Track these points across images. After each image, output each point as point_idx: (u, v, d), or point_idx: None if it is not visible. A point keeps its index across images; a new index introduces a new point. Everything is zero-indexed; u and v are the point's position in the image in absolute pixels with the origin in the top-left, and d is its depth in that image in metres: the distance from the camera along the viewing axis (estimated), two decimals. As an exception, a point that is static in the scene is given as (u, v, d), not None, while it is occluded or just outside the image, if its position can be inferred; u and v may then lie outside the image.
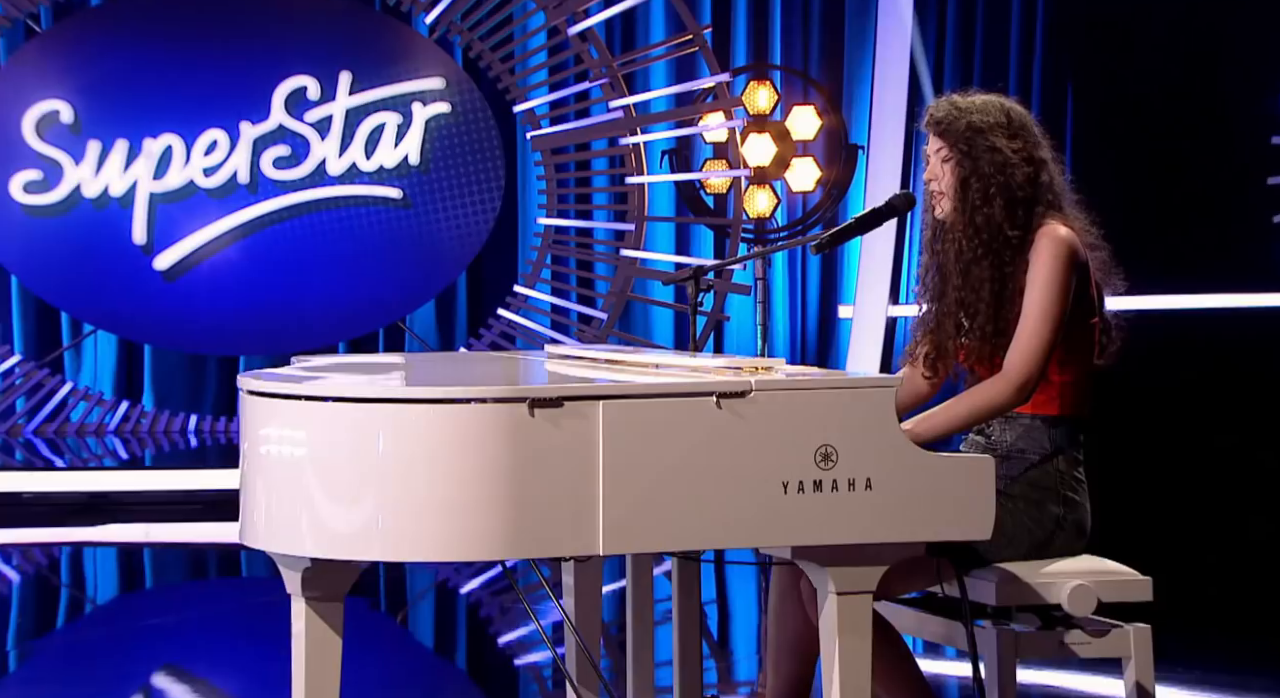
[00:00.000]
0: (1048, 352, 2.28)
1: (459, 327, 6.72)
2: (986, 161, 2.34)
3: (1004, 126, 2.35)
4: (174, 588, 4.52)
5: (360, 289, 6.10)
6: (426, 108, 6.10)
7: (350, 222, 6.10)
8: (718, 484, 1.97)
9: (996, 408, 2.30)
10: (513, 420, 1.90)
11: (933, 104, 2.43)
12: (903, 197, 2.43)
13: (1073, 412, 2.38)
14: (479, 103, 6.12)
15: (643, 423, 1.95)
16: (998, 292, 2.34)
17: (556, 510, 1.91)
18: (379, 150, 6.09)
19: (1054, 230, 2.33)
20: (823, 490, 2.01)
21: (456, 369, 2.51)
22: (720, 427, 1.98)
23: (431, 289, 6.27)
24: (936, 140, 2.41)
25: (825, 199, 6.38)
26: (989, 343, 2.33)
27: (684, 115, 6.16)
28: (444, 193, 6.12)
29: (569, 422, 1.92)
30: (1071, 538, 2.36)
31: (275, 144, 6.03)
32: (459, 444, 1.89)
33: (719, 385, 1.99)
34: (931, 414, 2.32)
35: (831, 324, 6.90)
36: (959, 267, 2.36)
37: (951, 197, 2.38)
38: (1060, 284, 2.29)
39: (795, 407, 2.01)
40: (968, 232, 2.35)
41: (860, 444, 2.02)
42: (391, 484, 1.89)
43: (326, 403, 1.91)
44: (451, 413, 1.89)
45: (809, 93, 6.54)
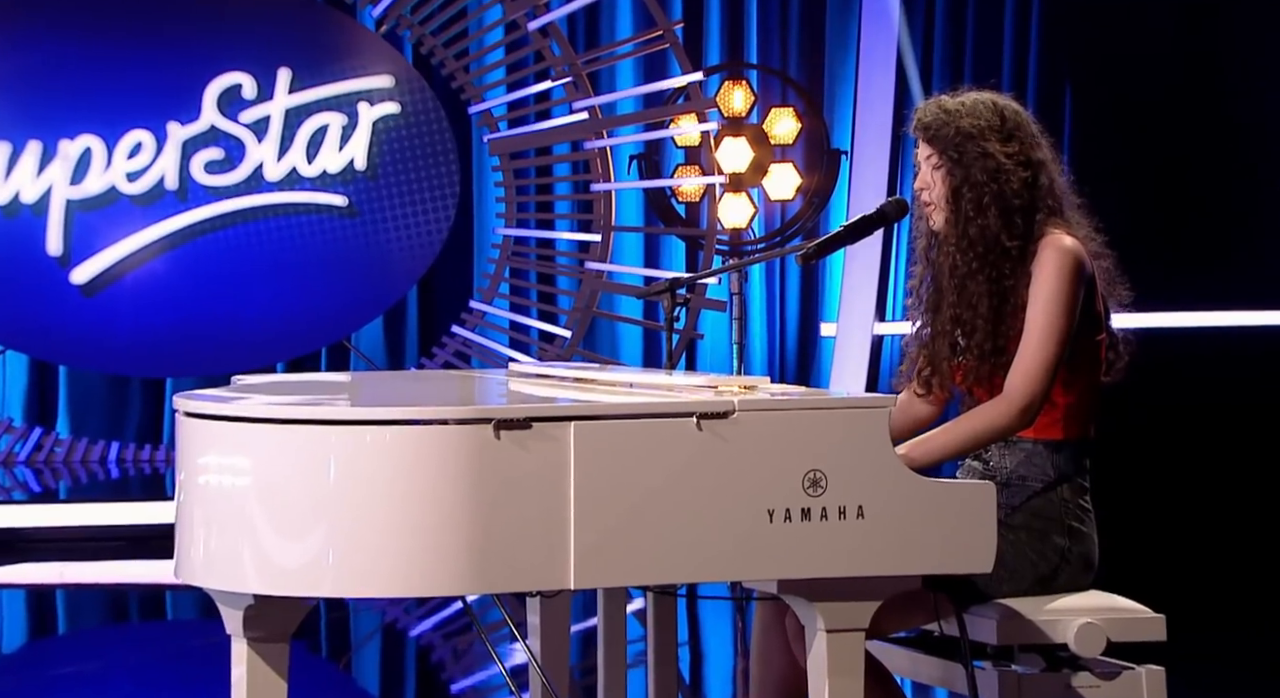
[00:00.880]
0: (1053, 371, 2.30)
1: (409, 345, 6.70)
2: (979, 169, 2.36)
3: (997, 129, 2.37)
4: (91, 633, 4.46)
5: (301, 305, 6.06)
6: (374, 108, 6.09)
7: (290, 231, 6.08)
8: (698, 512, 1.97)
9: (998, 432, 2.31)
10: (476, 443, 1.90)
11: (919, 107, 2.46)
12: (894, 203, 2.45)
13: (1077, 435, 2.39)
14: (431, 103, 6.11)
15: (617, 446, 1.96)
16: (996, 307, 2.35)
17: (523, 541, 1.91)
18: (322, 154, 6.08)
19: (1058, 240, 2.35)
20: (811, 519, 2.01)
21: (412, 388, 2.50)
22: (701, 450, 1.99)
23: (379, 305, 6.24)
24: (926, 146, 2.43)
25: (806, 208, 6.42)
26: (988, 362, 2.35)
27: (653, 117, 6.19)
28: (393, 200, 6.11)
29: (537, 445, 1.92)
30: (1078, 572, 2.37)
31: (206, 147, 6.00)
32: (418, 469, 1.89)
33: (699, 406, 2.00)
34: (927, 438, 2.33)
35: (813, 343, 6.93)
36: (953, 282, 2.38)
37: (943, 207, 2.40)
38: (1066, 298, 2.31)
39: (781, 429, 2.02)
40: (961, 244, 2.37)
41: (851, 469, 2.03)
42: (344, 513, 1.88)
43: (273, 425, 1.90)
44: (410, 435, 1.89)
45: (788, 94, 6.59)
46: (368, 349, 6.60)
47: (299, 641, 3.99)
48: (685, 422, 1.99)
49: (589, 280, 6.10)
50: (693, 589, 2.92)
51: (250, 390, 2.23)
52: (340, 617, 4.41)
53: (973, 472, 2.44)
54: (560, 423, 1.94)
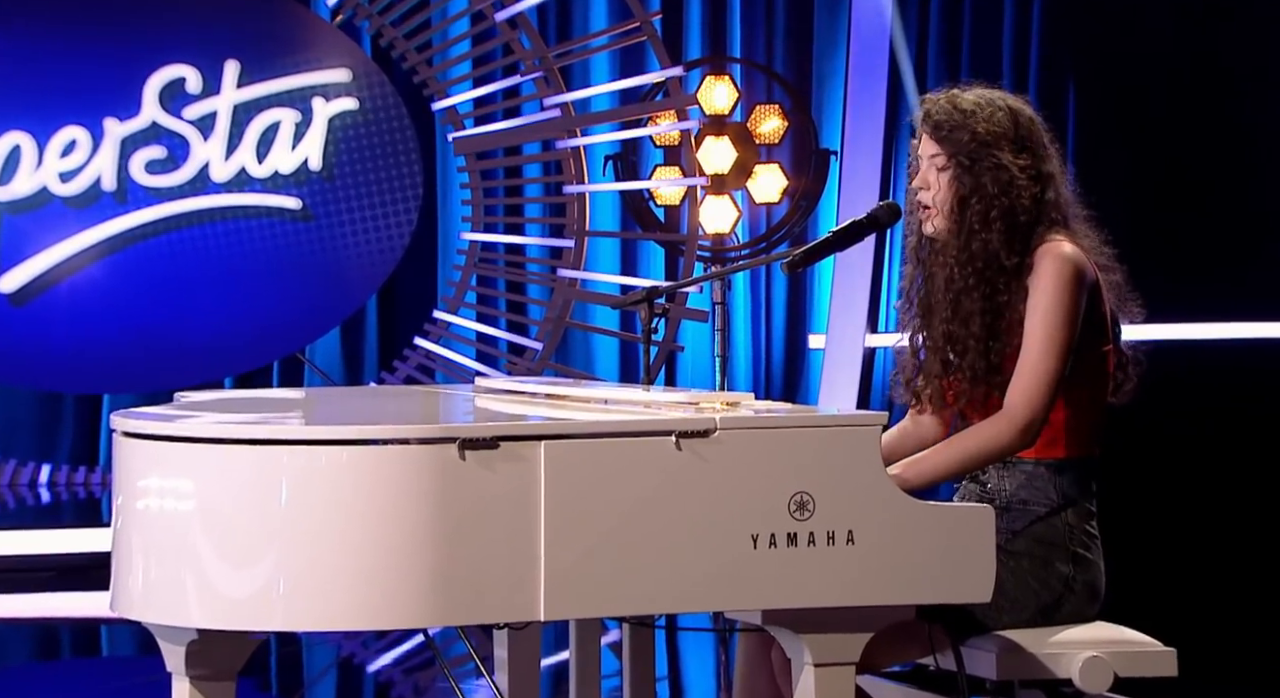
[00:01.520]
0: (1055, 386, 2.31)
1: (368, 359, 6.69)
2: (991, 180, 2.38)
3: (1011, 138, 2.39)
4: (20, 672, 4.43)
5: (251, 316, 6.04)
6: (329, 104, 6.08)
7: (239, 237, 6.06)
8: (677, 538, 1.98)
9: (997, 451, 2.32)
10: (440, 464, 1.90)
11: (928, 98, 2.47)
12: (887, 207, 2.46)
13: (1082, 454, 2.40)
14: (391, 99, 6.11)
15: (591, 467, 1.96)
16: (989, 325, 2.37)
17: (490, 569, 1.91)
18: (273, 153, 6.06)
19: (1056, 248, 2.36)
20: (797, 545, 2.02)
21: (371, 405, 2.50)
22: (680, 471, 1.99)
23: (336, 315, 6.23)
24: (932, 144, 2.44)
25: (793, 212, 6.45)
26: (981, 383, 2.36)
27: (630, 115, 6.21)
28: (351, 203, 6.10)
29: (505, 466, 1.93)
30: (1083, 602, 2.38)
31: (147, 145, 5.97)
32: (376, 492, 1.89)
33: (678, 423, 2.01)
34: (920, 458, 2.34)
35: (801, 356, 6.95)
36: (948, 296, 2.39)
37: (946, 214, 2.41)
38: (1066, 308, 2.32)
39: (766, 448, 2.03)
40: (961, 257, 2.38)
41: (840, 492, 2.04)
42: (296, 541, 1.88)
43: (219, 446, 1.90)
44: (367, 456, 1.89)
45: (773, 90, 6.62)
46: (324, 363, 6.59)
47: (246, 678, 3.97)
48: (663, 441, 1.99)
49: (561, 289, 6.11)
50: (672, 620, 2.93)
51: (194, 408, 2.23)
52: (292, 652, 4.39)
53: (971, 494, 2.45)
54: (530, 442, 1.94)
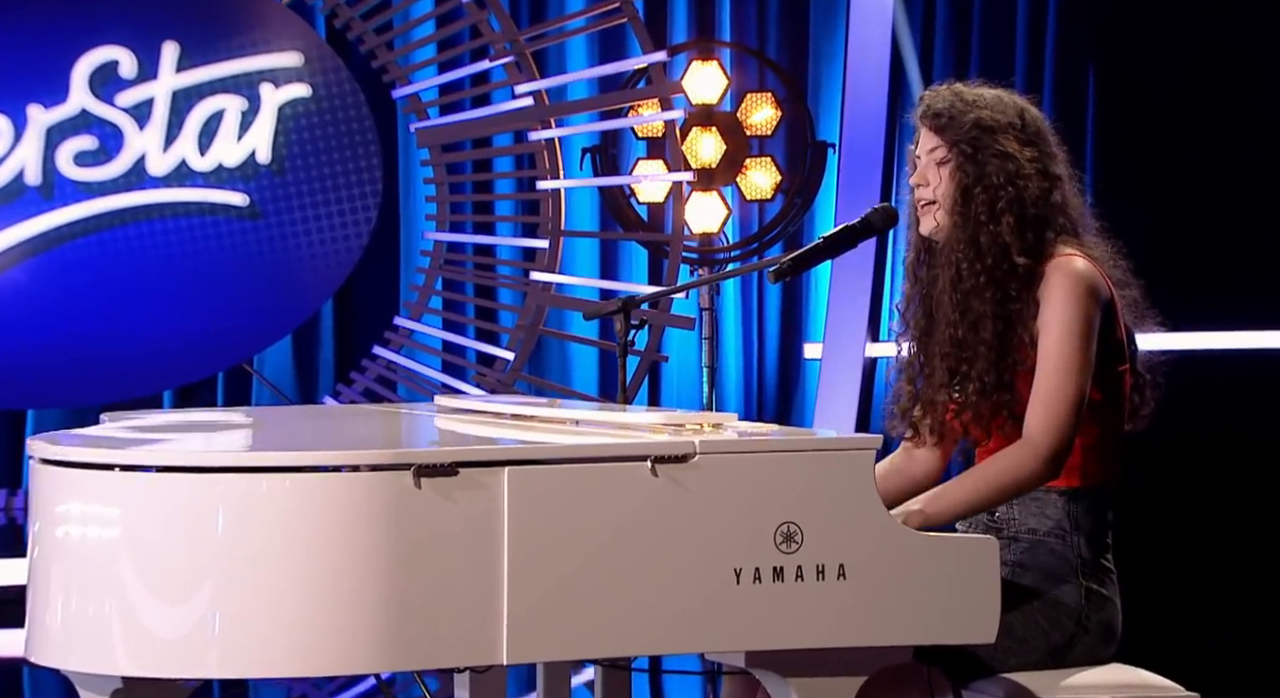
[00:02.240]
0: (1077, 411, 2.32)
1: (323, 370, 6.67)
2: (996, 168, 2.40)
3: (1017, 129, 2.42)
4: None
5: (192, 323, 6.02)
6: (279, 91, 6.07)
7: (179, 236, 6.04)
8: (653, 573, 1.99)
9: (1023, 482, 2.33)
10: (393, 493, 1.90)
11: (930, 92, 2.49)
12: (882, 211, 2.48)
13: (1097, 482, 2.42)
14: (348, 85, 6.11)
15: (559, 495, 1.97)
16: (1001, 333, 2.38)
17: (448, 608, 1.91)
18: (216, 144, 6.04)
19: (1067, 264, 2.38)
20: (784, 580, 2.03)
21: (319, 428, 2.50)
22: (657, 500, 2.00)
23: (287, 322, 6.21)
24: (932, 137, 2.46)
25: (787, 209, 6.46)
26: (988, 399, 2.38)
27: (610, 104, 6.21)
28: (303, 200, 6.09)
29: (465, 494, 1.93)
30: (1097, 642, 2.39)
31: (76, 134, 5.95)
32: (323, 525, 1.89)
33: (655, 447, 2.02)
34: (941, 492, 2.35)
35: (796, 367, 6.96)
36: (955, 297, 2.40)
37: (949, 208, 2.43)
38: (1082, 328, 2.34)
39: (750, 474, 2.04)
40: (968, 253, 2.40)
41: (831, 522, 2.05)
42: (234, 578, 1.88)
43: (149, 474, 1.90)
44: (313, 485, 1.89)
45: (766, 77, 6.63)
46: (273, 375, 6.57)
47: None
48: (638, 467, 2.00)
49: (535, 294, 6.10)
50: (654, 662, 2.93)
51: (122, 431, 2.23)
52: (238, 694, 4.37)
53: (975, 524, 2.46)
54: (492, 469, 1.95)
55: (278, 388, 6.44)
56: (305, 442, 2.16)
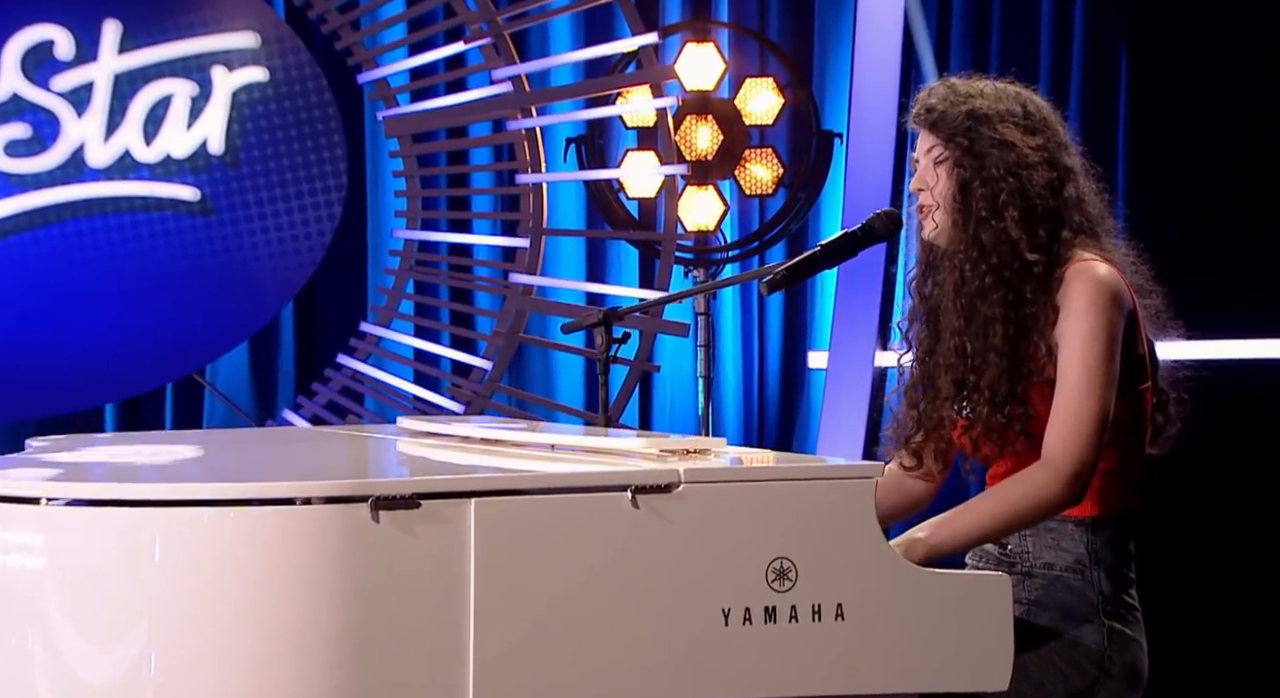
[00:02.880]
0: (1100, 429, 2.32)
1: (283, 381, 6.67)
2: (995, 160, 2.41)
3: (1018, 116, 2.43)
4: None
5: (138, 329, 6.02)
6: (233, 74, 6.07)
7: (122, 233, 6.04)
8: (634, 614, 1.99)
9: (1043, 508, 2.33)
10: (348, 528, 1.91)
11: (924, 90, 2.51)
12: (884, 217, 2.49)
13: (1119, 509, 2.42)
14: (308, 69, 6.11)
15: (530, 529, 1.97)
16: (1012, 339, 2.38)
17: (409, 654, 1.91)
18: (164, 133, 6.04)
19: (1089, 268, 2.39)
20: (776, 621, 2.03)
21: (270, 454, 2.50)
22: (637, 534, 2.01)
23: (243, 329, 6.22)
24: (928, 137, 2.47)
25: (790, 205, 6.47)
26: (999, 412, 2.38)
27: (596, 90, 6.22)
28: (260, 194, 6.10)
29: (428, 529, 1.94)
30: (1121, 687, 2.40)
31: (7, 122, 5.94)
32: (271, 563, 1.89)
33: (635, 476, 2.02)
34: (951, 517, 2.35)
35: (800, 377, 6.97)
36: (959, 303, 2.41)
37: (948, 207, 2.44)
38: (1106, 338, 2.34)
39: (739, 506, 2.04)
40: (971, 254, 2.41)
41: (828, 558, 2.05)
42: (172, 621, 1.88)
43: (78, 508, 1.90)
44: (260, 519, 1.89)
45: (767, 61, 6.64)
46: (228, 386, 6.57)
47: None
48: (617, 497, 2.01)
49: (514, 297, 6.11)
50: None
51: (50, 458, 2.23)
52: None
53: (986, 558, 2.47)
54: (457, 500, 1.96)
55: (232, 401, 6.44)
56: (253, 471, 2.16)
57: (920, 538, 2.30)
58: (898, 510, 2.55)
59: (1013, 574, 2.43)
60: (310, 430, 2.99)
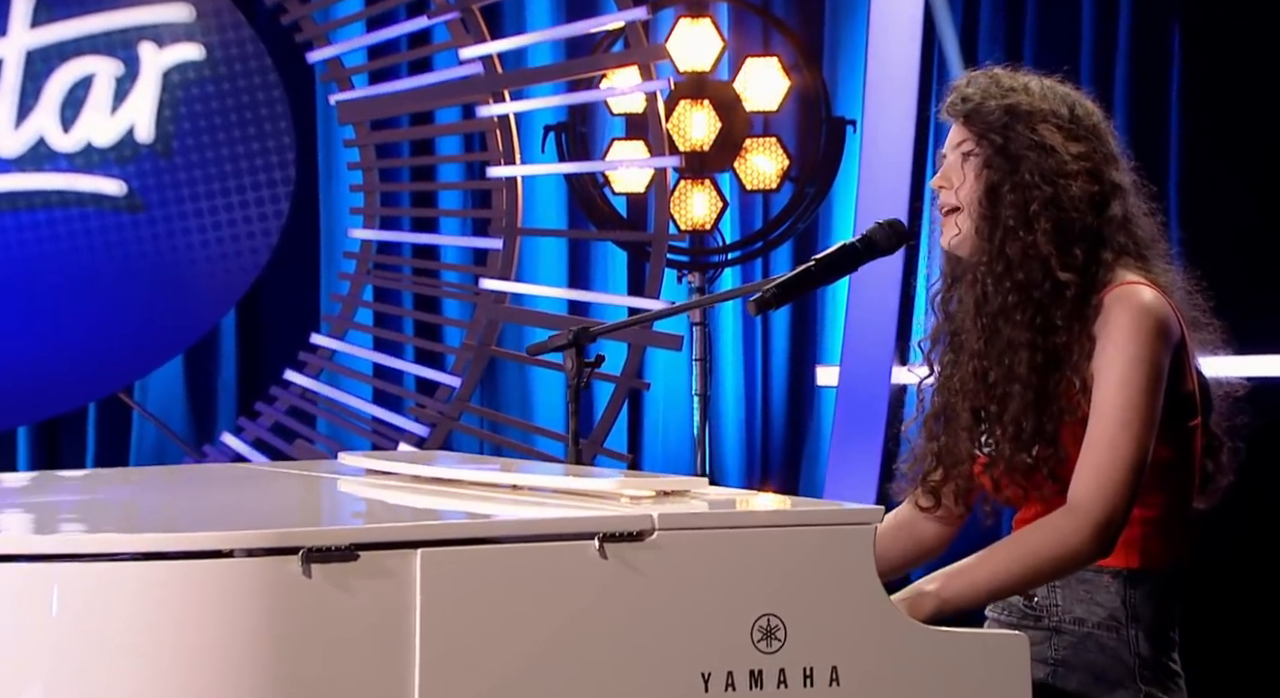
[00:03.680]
0: (1136, 475, 2.33)
1: (223, 400, 6.67)
2: (1031, 164, 2.41)
3: (1063, 119, 2.43)
4: None
5: (56, 342, 6.02)
6: (164, 52, 6.07)
7: (37, 233, 6.04)
8: (601, 678, 1.99)
9: (1067, 561, 2.34)
10: (276, 583, 1.91)
11: (962, 78, 2.51)
12: (888, 228, 2.50)
13: (1160, 563, 2.43)
14: (250, 46, 6.11)
15: (483, 584, 1.97)
16: (1040, 367, 2.38)
17: (344, 725, 1.91)
18: (85, 119, 6.03)
19: (1132, 294, 2.39)
20: (763, 687, 2.03)
21: (191, 497, 2.50)
22: (605, 587, 2.01)
23: (177, 341, 6.22)
24: (959, 130, 2.48)
25: (797, 201, 6.47)
26: (1024, 450, 2.38)
27: (577, 72, 6.23)
28: (195, 188, 6.10)
29: (367, 584, 1.94)
30: (1159, 765, 2.41)
31: (-99, 106, 5.95)
32: (187, 623, 1.89)
33: (603, 522, 2.02)
34: (961, 570, 2.35)
35: (807, 395, 6.97)
36: (980, 322, 2.42)
37: (972, 211, 2.45)
38: (1148, 371, 2.34)
39: (721, 556, 2.04)
40: (994, 267, 2.41)
41: (821, 615, 2.05)
42: (72, 689, 1.88)
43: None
44: (175, 574, 1.89)
45: (771, 38, 6.64)
46: (158, 406, 6.56)
47: None
48: (582, 547, 2.01)
49: (486, 306, 6.12)
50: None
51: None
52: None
53: (1009, 610, 2.47)
54: (401, 551, 1.95)
55: (164, 424, 6.44)
56: (168, 518, 2.16)
57: (929, 592, 2.31)
58: (906, 559, 2.56)
59: (1038, 630, 2.43)
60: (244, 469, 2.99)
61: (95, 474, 2.97)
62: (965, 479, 2.47)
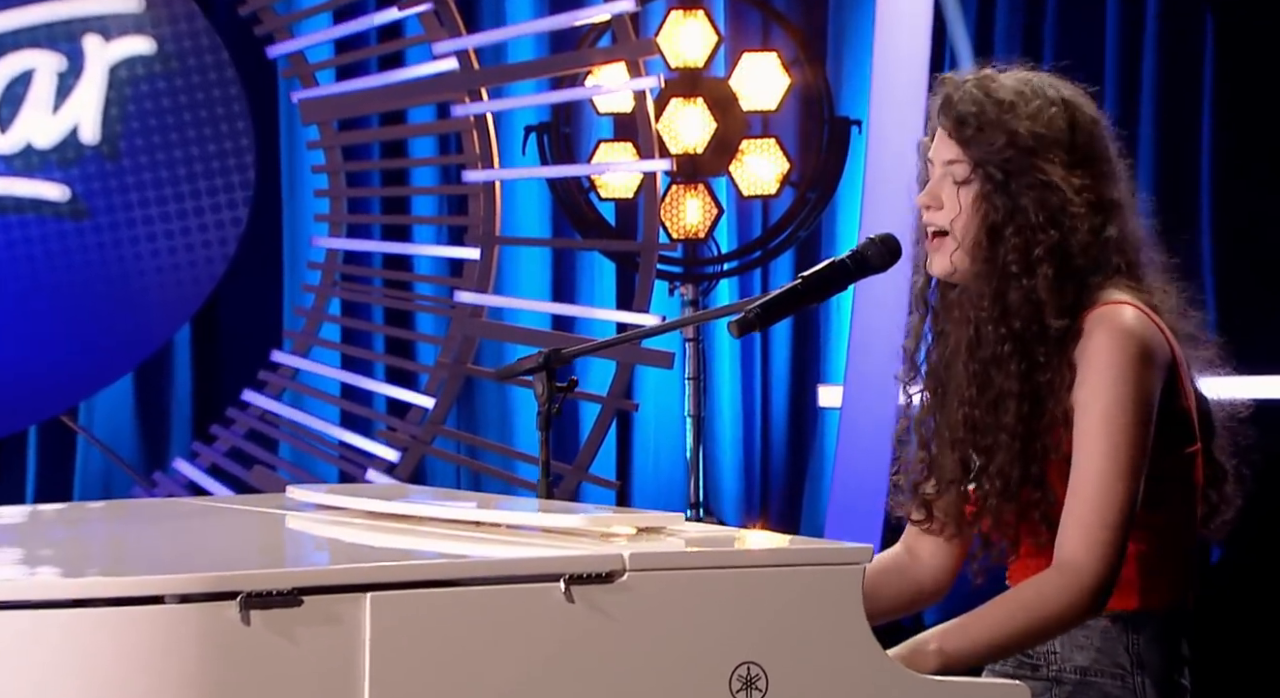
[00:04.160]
0: (1128, 520, 2.34)
1: (176, 423, 6.67)
2: (1034, 203, 2.42)
3: (1065, 146, 2.43)
4: None
5: (-3, 359, 6.01)
6: (111, 45, 6.06)
7: (-24, 241, 6.03)
8: (568, 733, 1.99)
9: (1065, 618, 2.36)
10: (210, 631, 1.91)
11: (949, 79, 2.51)
12: (879, 244, 2.51)
13: (1165, 603, 2.44)
14: (206, 40, 6.11)
15: (440, 630, 1.97)
16: (1026, 415, 2.40)
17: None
18: (24, 117, 6.02)
19: (1112, 315, 2.40)
20: (744, 742, 2.04)
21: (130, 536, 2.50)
22: (572, 633, 2.01)
23: (126, 358, 6.21)
24: (950, 145, 2.48)
25: (798, 208, 6.47)
26: (1012, 498, 2.40)
27: (561, 69, 6.24)
28: (146, 194, 6.10)
29: (312, 631, 1.94)
30: (1170, 823, 2.43)
31: None
32: (115, 677, 1.89)
33: (569, 563, 2.02)
34: (964, 624, 2.37)
35: (809, 417, 6.97)
36: (972, 368, 2.43)
37: (970, 249, 2.45)
38: (1134, 407, 2.35)
39: (698, 599, 2.04)
40: (993, 311, 2.42)
41: (805, 662, 2.05)
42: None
43: None
44: (103, 622, 1.89)
45: (771, 32, 6.65)
46: (105, 431, 6.56)
47: None
48: (547, 589, 2.01)
49: (462, 321, 6.12)
50: None
51: None
52: None
53: (1007, 659, 2.48)
54: (349, 595, 1.95)
55: (111, 450, 6.43)
56: (103, 560, 2.16)
57: (932, 649, 2.31)
58: (899, 602, 2.56)
59: (1036, 680, 2.44)
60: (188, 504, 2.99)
61: (34, 513, 2.97)
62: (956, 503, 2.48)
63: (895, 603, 2.56)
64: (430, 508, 2.45)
